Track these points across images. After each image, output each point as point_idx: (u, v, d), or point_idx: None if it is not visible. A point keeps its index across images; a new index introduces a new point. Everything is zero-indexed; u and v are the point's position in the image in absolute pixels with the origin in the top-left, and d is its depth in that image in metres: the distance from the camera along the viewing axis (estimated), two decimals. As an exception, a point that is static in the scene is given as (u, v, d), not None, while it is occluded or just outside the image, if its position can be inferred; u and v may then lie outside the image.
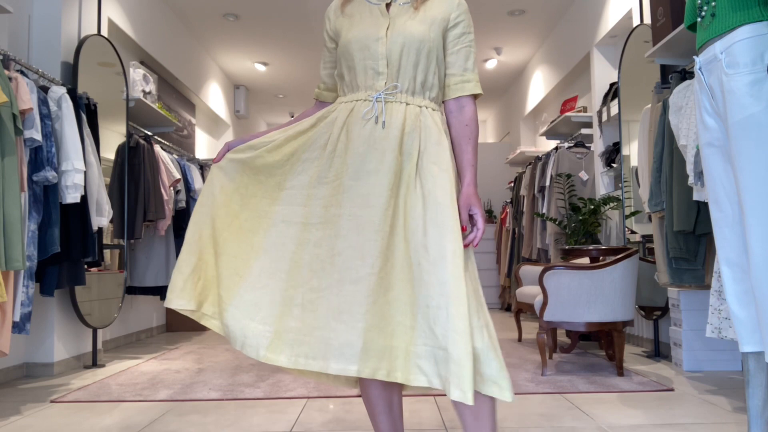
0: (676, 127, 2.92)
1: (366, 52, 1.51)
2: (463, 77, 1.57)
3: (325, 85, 1.71)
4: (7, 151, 2.57)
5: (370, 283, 1.38)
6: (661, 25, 3.35)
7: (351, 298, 1.38)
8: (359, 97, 1.52)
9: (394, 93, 1.51)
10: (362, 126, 1.49)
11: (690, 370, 3.29)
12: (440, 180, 1.44)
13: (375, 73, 1.51)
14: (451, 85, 1.57)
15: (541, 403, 2.61)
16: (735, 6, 1.73)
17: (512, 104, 8.23)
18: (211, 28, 6.07)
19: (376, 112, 1.49)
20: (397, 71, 1.51)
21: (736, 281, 1.82)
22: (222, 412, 2.54)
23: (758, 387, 1.82)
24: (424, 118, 1.51)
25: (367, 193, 1.44)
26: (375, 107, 1.49)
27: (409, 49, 1.50)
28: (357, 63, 1.52)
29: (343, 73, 1.57)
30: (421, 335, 1.35)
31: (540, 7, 5.68)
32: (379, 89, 1.51)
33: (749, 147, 1.68)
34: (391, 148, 1.46)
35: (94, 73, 3.83)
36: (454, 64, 1.57)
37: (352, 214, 1.44)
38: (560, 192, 5.15)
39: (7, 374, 3.26)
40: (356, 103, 1.52)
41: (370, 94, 1.51)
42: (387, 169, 1.44)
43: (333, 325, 1.37)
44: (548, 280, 3.22)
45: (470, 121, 1.56)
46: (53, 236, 3.01)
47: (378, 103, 1.50)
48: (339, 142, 1.50)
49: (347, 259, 1.41)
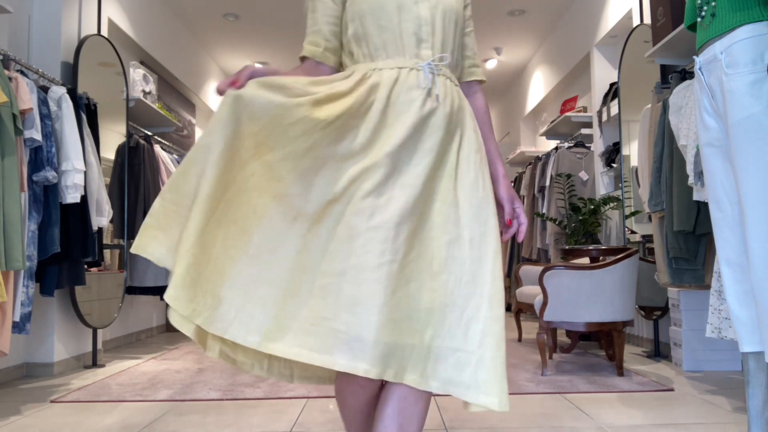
0: (676, 127, 2.92)
1: (406, 12, 1.31)
2: (474, 61, 1.49)
3: (328, 43, 1.39)
4: (7, 151, 2.57)
5: (390, 271, 1.19)
6: (661, 25, 3.35)
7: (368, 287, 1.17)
8: (404, 64, 1.31)
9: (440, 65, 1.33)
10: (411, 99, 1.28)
11: (690, 370, 3.29)
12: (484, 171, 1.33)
13: (417, 39, 1.32)
14: (465, 67, 1.47)
15: (541, 403, 2.61)
16: (735, 6, 1.73)
17: (512, 104, 8.23)
18: (211, 28, 6.07)
19: (428, 83, 1.30)
20: (442, 41, 1.34)
21: (736, 281, 1.82)
22: (222, 412, 2.54)
23: (758, 387, 1.82)
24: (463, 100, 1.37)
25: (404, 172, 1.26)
26: (428, 78, 1.30)
27: (449, 19, 1.35)
28: (395, 24, 1.31)
29: (368, 33, 1.33)
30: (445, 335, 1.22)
31: (540, 7, 5.68)
32: (426, 58, 1.31)
33: (749, 147, 1.68)
34: (439, 126, 1.29)
35: (94, 73, 3.83)
36: (467, 46, 1.47)
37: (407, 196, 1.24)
38: (560, 192, 5.15)
39: (7, 374, 3.26)
40: (401, 71, 1.30)
41: (417, 63, 1.31)
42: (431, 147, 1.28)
43: (344, 317, 1.17)
44: (548, 280, 3.22)
45: (487, 108, 1.49)
46: (53, 236, 3.01)
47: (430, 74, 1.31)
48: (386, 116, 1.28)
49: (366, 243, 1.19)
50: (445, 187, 1.28)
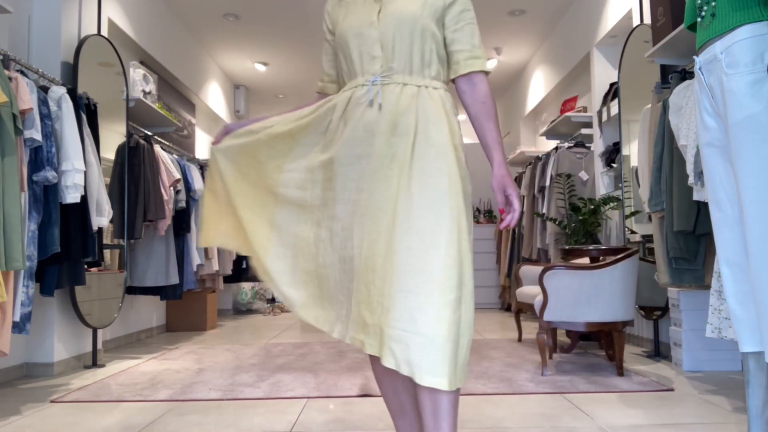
0: (676, 127, 2.92)
1: (361, 38, 1.50)
2: (472, 53, 1.53)
3: (329, 77, 1.69)
4: (7, 151, 2.57)
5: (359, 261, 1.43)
6: (661, 25, 3.35)
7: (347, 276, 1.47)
8: (357, 83, 1.51)
9: (390, 75, 1.48)
10: (358, 111, 1.48)
11: (690, 370, 3.29)
12: (436, 163, 1.41)
13: (370, 58, 1.50)
14: (460, 61, 1.53)
15: (541, 403, 2.61)
16: (735, 6, 1.73)
17: (512, 104, 8.23)
18: (211, 28, 6.07)
19: (371, 95, 1.48)
20: (392, 52, 1.48)
21: (736, 281, 1.82)
22: (222, 412, 2.54)
23: (758, 387, 1.82)
24: (422, 98, 1.47)
25: (357, 177, 1.47)
26: (370, 90, 1.48)
27: (402, 28, 1.47)
28: (353, 50, 1.51)
29: (340, 63, 1.57)
30: (398, 319, 1.34)
31: (540, 7, 5.68)
32: (376, 73, 1.49)
33: (749, 147, 1.68)
34: (382, 130, 1.45)
35: (94, 73, 3.83)
36: (460, 40, 1.53)
37: (345, 199, 1.49)
38: (560, 192, 5.15)
39: (7, 374, 3.26)
40: (355, 90, 1.51)
41: (367, 79, 1.49)
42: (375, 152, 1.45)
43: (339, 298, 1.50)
44: (548, 280, 3.22)
45: (486, 98, 1.52)
46: (53, 236, 3.01)
47: (374, 86, 1.48)
48: (338, 129, 1.52)
49: (342, 240, 1.49)
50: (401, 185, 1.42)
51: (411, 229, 1.38)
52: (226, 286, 7.18)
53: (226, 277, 6.21)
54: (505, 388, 2.89)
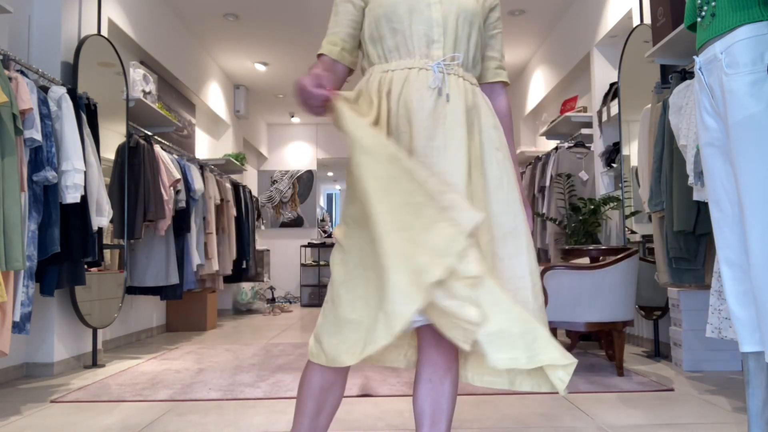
0: (676, 127, 2.92)
1: (418, 15, 1.36)
2: (501, 63, 1.50)
3: (344, 44, 1.46)
4: (7, 151, 2.57)
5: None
6: (661, 25, 3.35)
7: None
8: (413, 65, 1.35)
9: (452, 65, 1.36)
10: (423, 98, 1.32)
11: (690, 370, 3.29)
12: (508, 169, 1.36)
13: (429, 41, 1.36)
14: (490, 68, 1.49)
15: (541, 403, 2.61)
16: (735, 6, 1.73)
17: (512, 104, 8.23)
18: (211, 28, 6.07)
19: (437, 82, 1.33)
20: (454, 41, 1.37)
21: (736, 281, 1.82)
22: (222, 412, 2.54)
23: (758, 387, 1.82)
24: (478, 98, 1.39)
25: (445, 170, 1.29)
26: (437, 77, 1.33)
27: (464, 19, 1.38)
28: (406, 26, 1.35)
29: (383, 36, 1.39)
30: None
31: (540, 7, 5.68)
32: (437, 58, 1.35)
33: (749, 147, 1.68)
34: (460, 123, 1.31)
35: (94, 73, 3.83)
36: (494, 47, 1.49)
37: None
38: (560, 192, 5.15)
39: (7, 374, 3.26)
40: (410, 71, 1.35)
41: (426, 63, 1.34)
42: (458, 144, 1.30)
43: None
44: (548, 280, 3.22)
45: (509, 112, 1.50)
46: (53, 236, 3.01)
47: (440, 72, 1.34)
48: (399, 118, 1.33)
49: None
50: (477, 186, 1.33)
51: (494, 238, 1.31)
52: (226, 286, 7.18)
53: (226, 277, 6.22)
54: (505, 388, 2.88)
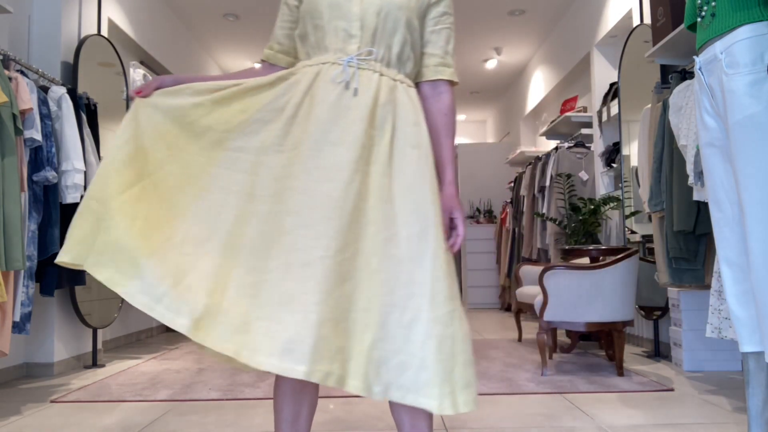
0: (676, 127, 2.92)
1: (337, 10, 1.34)
2: (444, 60, 1.44)
3: (280, 46, 1.48)
4: (7, 151, 2.57)
5: (324, 268, 1.18)
6: (661, 25, 3.35)
7: (302, 285, 1.18)
8: (327, 60, 1.34)
9: (367, 60, 1.33)
10: (329, 91, 1.30)
11: (690, 370, 3.29)
12: (421, 168, 1.29)
13: (347, 35, 1.34)
14: (430, 66, 1.43)
15: (541, 403, 2.61)
16: (735, 6, 1.73)
17: (512, 104, 8.23)
18: (211, 28, 6.07)
19: (347, 76, 1.31)
20: (372, 36, 1.34)
21: (736, 281, 1.82)
22: (222, 412, 2.54)
23: (758, 387, 1.82)
24: (400, 94, 1.35)
25: (328, 165, 1.25)
26: (346, 71, 1.31)
27: (387, 14, 1.34)
28: (326, 22, 1.34)
29: (307, 33, 1.38)
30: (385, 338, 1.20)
31: (540, 7, 5.68)
32: (351, 53, 1.33)
33: (749, 147, 1.68)
34: (361, 117, 1.28)
35: (94, 73, 3.83)
36: (436, 43, 1.43)
37: (307, 189, 1.24)
38: (560, 192, 5.15)
39: (7, 374, 3.26)
40: (323, 66, 1.33)
41: (340, 57, 1.33)
42: (353, 140, 1.26)
43: (280, 316, 1.17)
44: (548, 280, 3.22)
45: (449, 111, 1.42)
46: (53, 236, 3.01)
47: (350, 67, 1.32)
48: (301, 108, 1.31)
49: (298, 239, 1.21)
50: (380, 184, 1.27)
51: (395, 237, 1.24)
52: (226, 286, 7.17)
53: (226, 277, 6.20)
54: (505, 388, 2.89)
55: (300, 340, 1.14)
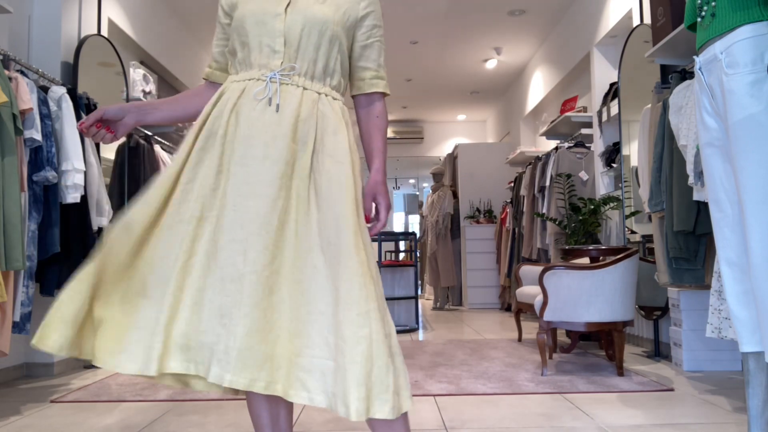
0: (676, 127, 2.92)
1: (262, 27, 1.37)
2: (378, 73, 1.49)
3: (218, 64, 1.54)
4: (7, 151, 2.57)
5: (251, 281, 1.24)
6: (661, 25, 3.35)
7: (232, 298, 1.24)
8: (251, 76, 1.38)
9: (290, 75, 1.37)
10: (253, 107, 1.34)
11: (690, 370, 3.29)
12: (335, 175, 1.32)
13: (271, 51, 1.37)
14: (366, 79, 1.49)
15: (541, 403, 2.61)
16: (735, 6, 1.73)
17: (512, 104, 8.23)
18: (211, 28, 6.06)
19: (269, 93, 1.35)
20: (296, 52, 1.37)
21: (736, 281, 1.82)
22: (222, 412, 2.54)
23: (758, 387, 1.82)
24: (323, 106, 1.38)
25: (254, 181, 1.29)
26: (269, 88, 1.35)
27: (311, 29, 1.37)
28: (251, 39, 1.38)
29: (235, 49, 1.42)
30: (309, 345, 1.22)
31: (540, 7, 5.68)
32: (274, 69, 1.36)
33: (749, 147, 1.68)
34: (283, 133, 1.32)
35: (94, 73, 3.83)
36: (369, 57, 1.48)
37: (236, 204, 1.28)
38: (560, 192, 5.15)
39: (7, 374, 3.26)
40: (248, 83, 1.37)
41: (263, 73, 1.36)
42: (277, 156, 1.30)
43: (216, 329, 1.24)
44: (548, 280, 3.22)
45: (380, 114, 1.49)
46: (53, 236, 3.01)
47: (272, 83, 1.35)
48: (229, 125, 1.35)
49: (230, 255, 1.26)
50: (302, 197, 1.31)
51: (316, 246, 1.27)
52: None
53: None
54: (505, 388, 2.89)
55: (227, 350, 1.22)
